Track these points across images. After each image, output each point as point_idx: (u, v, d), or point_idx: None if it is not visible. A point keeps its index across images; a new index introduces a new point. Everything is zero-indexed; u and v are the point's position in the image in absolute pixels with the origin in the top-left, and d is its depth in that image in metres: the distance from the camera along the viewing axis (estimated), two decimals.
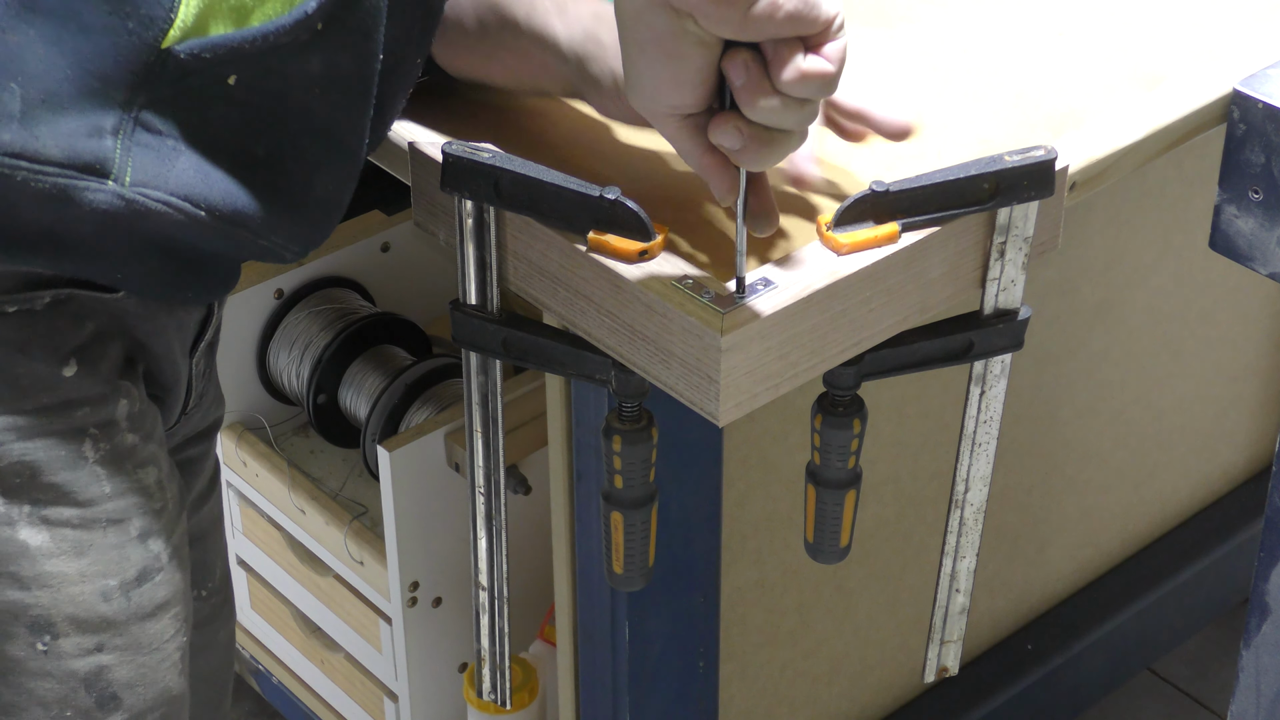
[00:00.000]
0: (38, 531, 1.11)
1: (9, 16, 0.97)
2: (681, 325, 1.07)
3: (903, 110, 1.17)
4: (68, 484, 1.12)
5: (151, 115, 1.02)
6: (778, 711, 1.74)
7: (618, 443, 1.17)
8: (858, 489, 1.21)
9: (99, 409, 1.12)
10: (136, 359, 1.15)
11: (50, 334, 1.09)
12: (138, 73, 1.00)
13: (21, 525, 1.11)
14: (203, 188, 1.04)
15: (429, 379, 1.83)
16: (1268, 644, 1.42)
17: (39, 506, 1.11)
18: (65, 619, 1.14)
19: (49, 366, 1.09)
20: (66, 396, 1.10)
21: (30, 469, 1.10)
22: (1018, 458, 1.82)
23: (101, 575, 1.14)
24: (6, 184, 0.99)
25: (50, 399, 1.10)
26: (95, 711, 1.16)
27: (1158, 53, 1.34)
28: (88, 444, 1.12)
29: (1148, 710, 2.16)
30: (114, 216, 1.02)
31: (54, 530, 1.12)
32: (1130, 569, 2.02)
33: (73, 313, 1.09)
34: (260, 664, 1.99)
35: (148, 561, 1.16)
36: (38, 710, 1.15)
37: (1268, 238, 1.29)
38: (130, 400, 1.14)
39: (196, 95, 1.02)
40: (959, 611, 1.30)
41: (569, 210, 1.11)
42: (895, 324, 1.15)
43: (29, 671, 1.14)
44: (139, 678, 1.18)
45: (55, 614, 1.13)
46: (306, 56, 1.04)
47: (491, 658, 1.31)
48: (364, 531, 1.79)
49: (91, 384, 1.11)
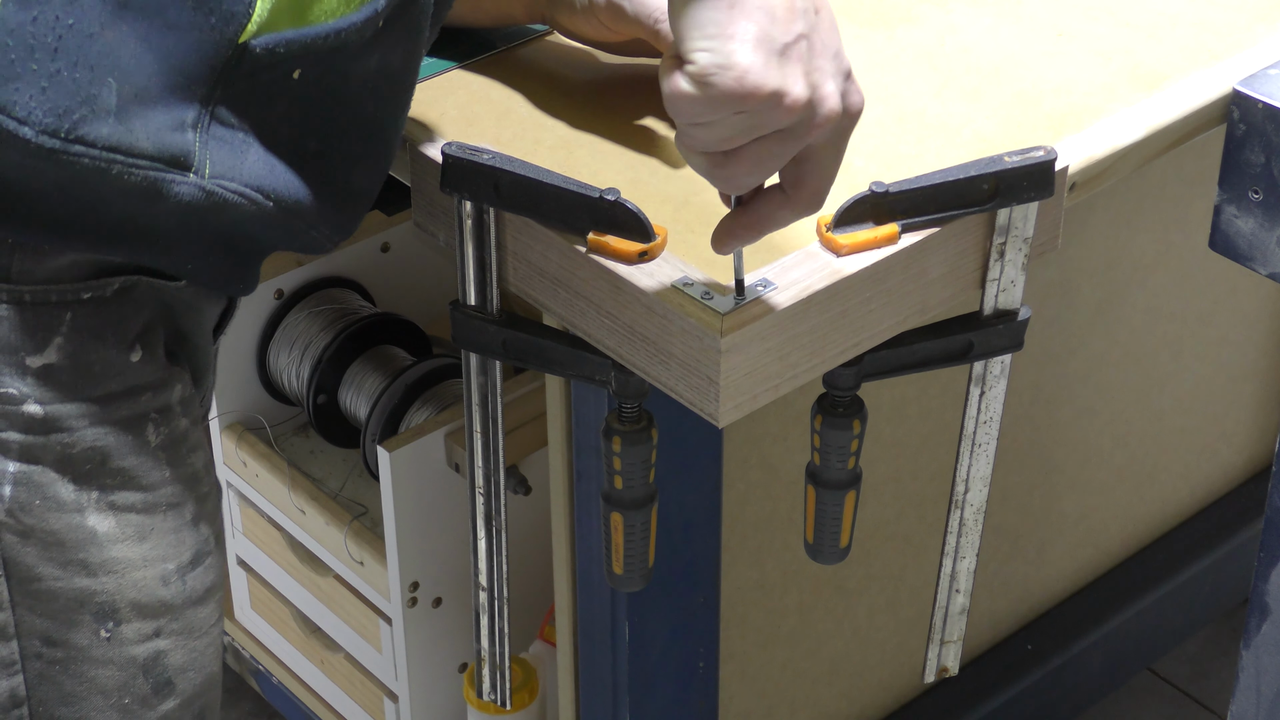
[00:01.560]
0: (105, 517, 1.12)
1: (106, 14, 0.99)
2: (681, 326, 1.07)
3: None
4: (133, 469, 1.13)
5: (226, 110, 1.04)
6: (778, 711, 1.74)
7: (618, 443, 1.17)
8: (858, 489, 1.21)
9: (159, 394, 1.13)
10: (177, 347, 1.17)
11: (119, 320, 1.10)
12: (217, 68, 1.02)
13: (90, 511, 1.12)
14: (270, 180, 1.06)
15: (429, 379, 1.83)
16: (1268, 644, 1.42)
17: (107, 492, 1.12)
18: (128, 604, 1.15)
19: (119, 352, 1.11)
20: (132, 382, 1.12)
21: (100, 455, 1.11)
22: (1018, 458, 1.82)
23: (162, 560, 1.15)
24: (101, 177, 1.01)
25: (118, 385, 1.11)
26: (152, 697, 1.18)
27: (1158, 53, 1.34)
28: (150, 429, 1.13)
29: (1148, 710, 2.16)
30: (194, 208, 1.05)
31: (120, 515, 1.13)
32: (1130, 569, 2.02)
33: (135, 300, 1.11)
34: (260, 664, 1.99)
35: (200, 545, 1.18)
36: (98, 698, 1.16)
37: (1268, 238, 1.29)
38: (183, 385, 1.16)
39: (265, 90, 1.04)
40: (959, 611, 1.30)
41: (569, 211, 1.11)
42: (895, 324, 1.15)
43: (92, 659, 1.15)
44: (190, 662, 1.19)
45: (119, 600, 1.14)
46: (368, 53, 1.06)
47: (491, 658, 1.31)
48: (364, 531, 1.79)
49: (153, 369, 1.13)
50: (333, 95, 1.07)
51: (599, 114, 1.27)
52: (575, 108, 1.27)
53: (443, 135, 1.23)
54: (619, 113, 1.27)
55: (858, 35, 1.35)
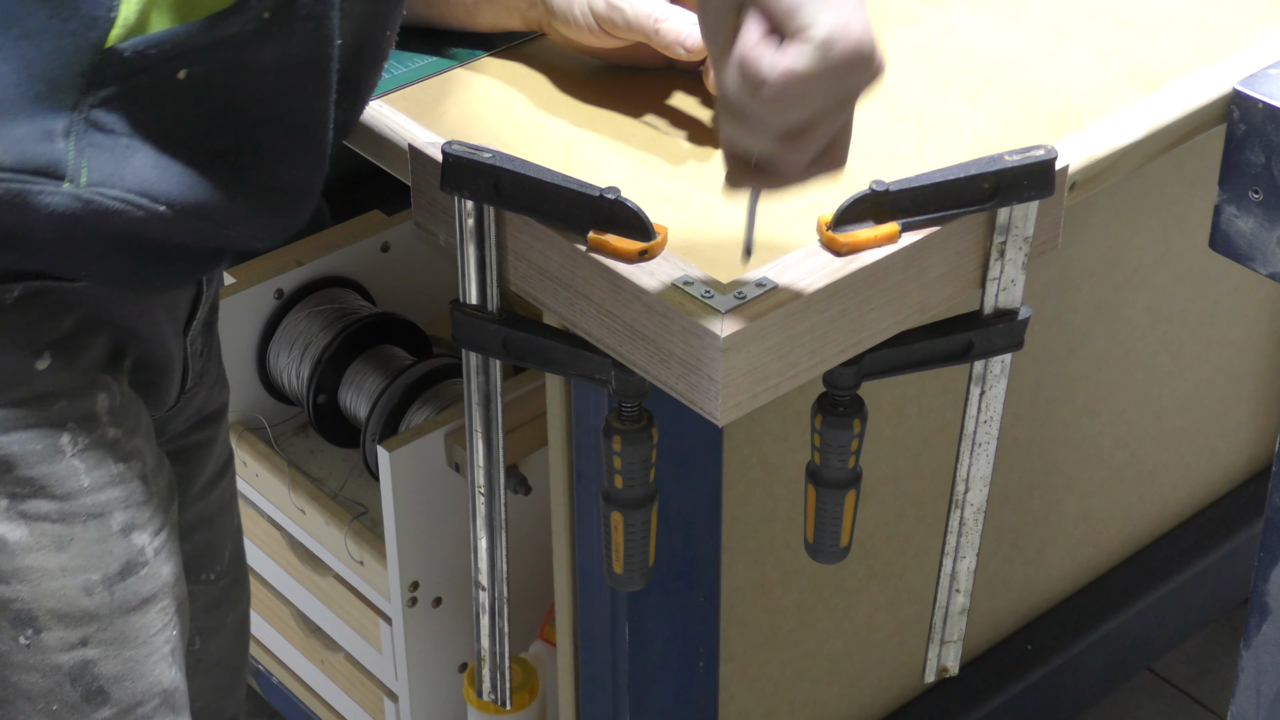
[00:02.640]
0: (16, 526, 1.11)
1: None
2: (681, 325, 1.07)
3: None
4: (45, 477, 1.11)
5: (103, 114, 1.02)
6: (778, 711, 1.74)
7: (618, 443, 1.17)
8: (858, 489, 1.21)
9: (77, 402, 1.12)
10: (125, 347, 1.15)
11: (22, 327, 1.08)
12: (84, 74, 1.00)
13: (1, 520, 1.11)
14: (161, 183, 1.04)
15: (429, 379, 1.83)
16: (1268, 644, 1.42)
17: (16, 501, 1.11)
18: (47, 613, 1.14)
19: (20, 359, 1.09)
20: (41, 390, 1.10)
21: (5, 463, 1.10)
22: (1018, 458, 1.82)
23: (83, 569, 1.14)
24: None
25: (24, 392, 1.09)
26: (83, 705, 1.17)
27: (1158, 53, 1.34)
28: (65, 437, 1.12)
29: (1148, 710, 2.16)
30: (72, 217, 1.02)
31: (32, 524, 1.12)
32: (1130, 569, 2.02)
33: (48, 305, 1.09)
34: (260, 664, 1.99)
35: (131, 555, 1.16)
36: (24, 703, 1.15)
37: (1268, 238, 1.29)
38: (110, 394, 1.14)
39: (148, 92, 1.02)
40: (959, 611, 1.30)
41: (569, 210, 1.11)
42: (895, 324, 1.15)
43: (14, 665, 1.14)
44: (126, 671, 1.18)
45: (37, 608, 1.13)
46: (259, 46, 1.03)
47: (491, 658, 1.31)
48: (364, 531, 1.79)
49: (69, 377, 1.11)
50: (233, 91, 1.04)
51: (599, 113, 1.27)
52: (576, 107, 1.27)
53: (443, 135, 1.22)
54: (619, 112, 1.27)
55: None
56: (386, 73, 1.29)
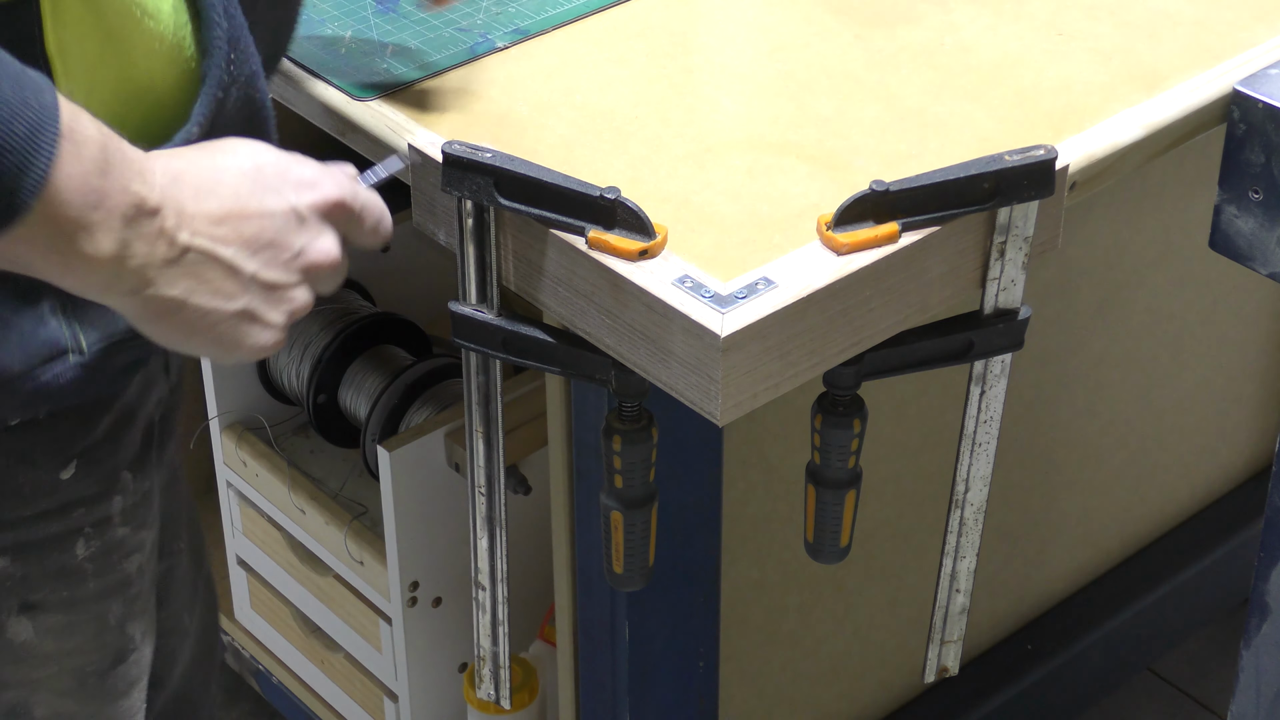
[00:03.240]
0: (24, 629, 1.12)
1: None
2: (681, 325, 1.07)
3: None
4: (56, 582, 1.11)
5: None
6: (778, 711, 1.74)
7: (618, 442, 1.17)
8: (858, 489, 1.21)
9: (94, 508, 1.11)
10: (160, 427, 1.15)
11: (52, 440, 1.08)
12: None
13: (10, 624, 1.11)
14: None
15: (429, 379, 1.82)
16: (1268, 644, 1.42)
17: (27, 607, 1.11)
18: (41, 705, 1.14)
19: (48, 473, 1.08)
20: (64, 499, 1.09)
21: (22, 572, 1.10)
22: (1018, 458, 1.82)
23: (80, 664, 1.15)
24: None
25: (48, 504, 1.09)
26: None
27: (1158, 53, 1.34)
28: (80, 543, 1.11)
29: (1148, 710, 2.16)
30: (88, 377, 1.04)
31: (39, 625, 1.12)
32: (1130, 569, 2.02)
33: (83, 413, 1.08)
34: (260, 664, 1.99)
35: (123, 645, 1.17)
36: None
37: (1268, 238, 1.29)
38: (125, 495, 1.13)
39: None
40: (959, 611, 1.30)
41: (569, 209, 1.11)
42: (895, 324, 1.15)
43: None
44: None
45: (34, 702, 1.14)
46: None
47: (491, 658, 1.31)
48: (364, 531, 1.79)
49: (90, 484, 1.10)
50: None
51: (599, 113, 1.27)
52: (576, 107, 1.27)
53: (443, 135, 1.22)
54: (619, 112, 1.27)
55: (858, 35, 1.35)
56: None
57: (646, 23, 1.37)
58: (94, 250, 0.89)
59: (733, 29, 1.36)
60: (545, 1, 1.38)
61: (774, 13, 1.38)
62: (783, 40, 1.35)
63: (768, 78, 1.31)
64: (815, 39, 1.35)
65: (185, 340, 0.97)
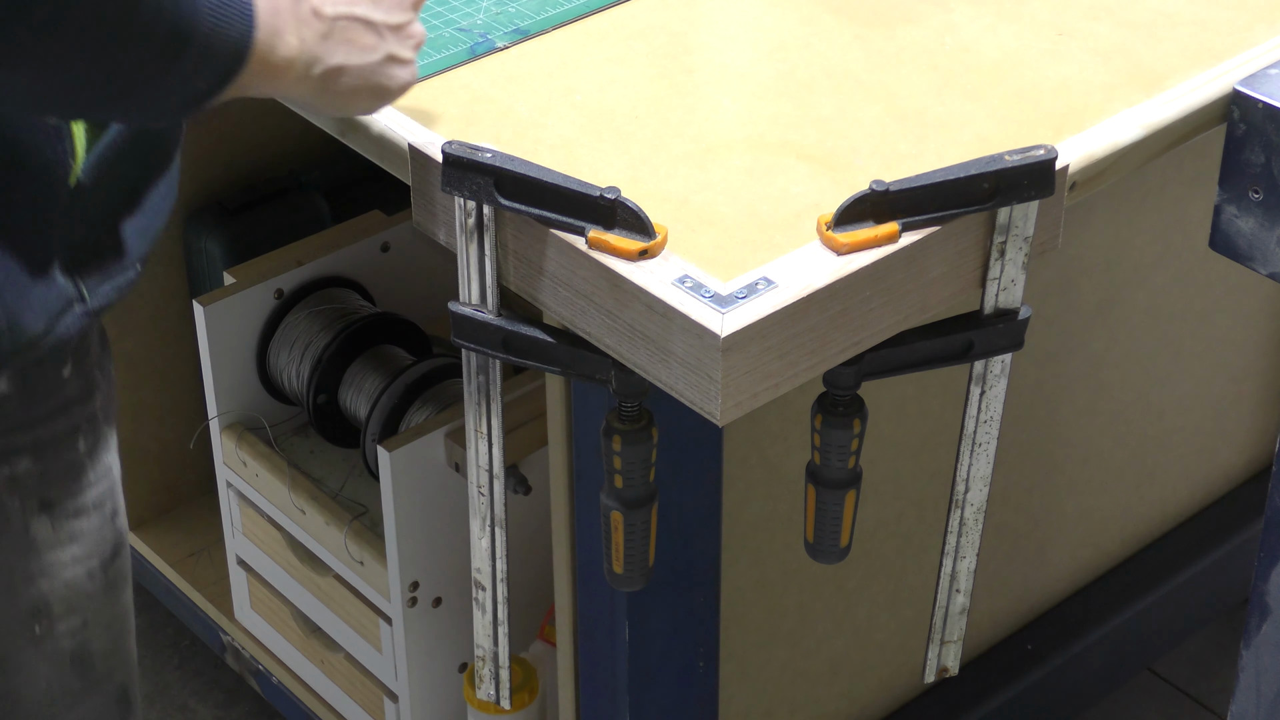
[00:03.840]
0: (44, 526, 1.17)
1: None
2: (681, 325, 1.07)
3: None
4: (65, 479, 1.18)
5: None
6: (778, 711, 1.74)
7: (618, 442, 1.17)
8: (858, 489, 1.21)
9: (86, 404, 1.18)
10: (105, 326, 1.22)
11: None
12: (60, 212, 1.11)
13: (32, 523, 1.17)
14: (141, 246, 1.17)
15: (429, 379, 1.82)
16: (1268, 644, 1.42)
17: (46, 504, 1.17)
18: (60, 602, 1.20)
19: (54, 370, 1.16)
20: (66, 397, 1.17)
21: (41, 469, 1.16)
22: (1018, 458, 1.82)
23: (88, 557, 1.21)
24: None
25: (55, 401, 1.16)
26: (76, 684, 1.23)
27: (1158, 53, 1.34)
28: (81, 440, 1.19)
29: (1148, 710, 2.16)
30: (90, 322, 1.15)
31: (56, 522, 1.18)
32: (1130, 569, 2.02)
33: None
34: (260, 664, 1.99)
35: (118, 538, 1.23)
36: (28, 690, 1.21)
37: (1268, 238, 1.29)
38: (100, 392, 1.20)
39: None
40: (959, 611, 1.30)
41: (569, 209, 1.11)
42: (895, 324, 1.15)
43: (24, 658, 1.20)
44: (113, 648, 1.25)
45: (53, 599, 1.19)
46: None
47: (492, 658, 1.31)
48: (364, 531, 1.79)
49: (79, 382, 1.18)
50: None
51: (599, 113, 1.27)
52: (576, 107, 1.27)
53: (443, 135, 1.22)
54: (619, 112, 1.27)
55: (858, 35, 1.35)
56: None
57: (646, 23, 1.37)
58: (286, 51, 1.08)
59: (733, 29, 1.36)
60: (545, 1, 1.38)
61: (774, 13, 1.38)
62: (783, 40, 1.35)
63: (768, 78, 1.31)
64: (815, 39, 1.35)
65: (352, 99, 1.14)
